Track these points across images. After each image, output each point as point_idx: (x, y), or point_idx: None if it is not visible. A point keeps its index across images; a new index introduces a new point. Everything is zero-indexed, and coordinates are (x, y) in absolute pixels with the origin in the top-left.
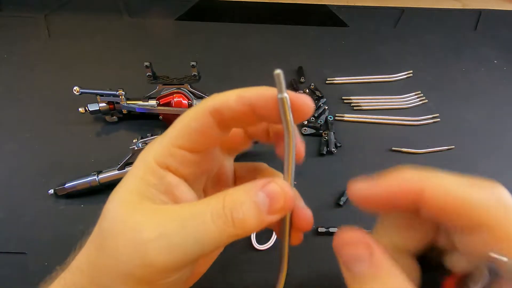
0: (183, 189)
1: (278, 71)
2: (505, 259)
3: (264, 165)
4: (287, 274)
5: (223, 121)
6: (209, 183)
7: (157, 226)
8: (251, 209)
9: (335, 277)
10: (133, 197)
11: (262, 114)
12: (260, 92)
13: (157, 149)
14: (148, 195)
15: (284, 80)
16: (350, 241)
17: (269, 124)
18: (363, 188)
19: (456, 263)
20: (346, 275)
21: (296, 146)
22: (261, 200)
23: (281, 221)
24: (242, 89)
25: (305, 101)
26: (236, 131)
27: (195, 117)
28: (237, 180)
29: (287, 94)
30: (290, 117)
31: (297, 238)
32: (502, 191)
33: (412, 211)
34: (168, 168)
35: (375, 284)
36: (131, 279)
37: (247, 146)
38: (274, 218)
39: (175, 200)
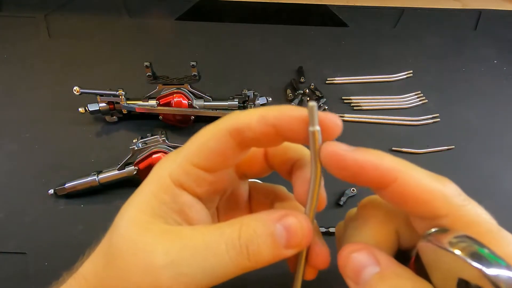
0: (197, 209)
1: (312, 104)
2: (433, 229)
3: (283, 189)
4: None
5: (243, 141)
6: (222, 203)
7: (169, 252)
8: (268, 242)
9: (335, 276)
10: (144, 215)
11: (286, 135)
12: (284, 112)
13: (172, 165)
14: (161, 213)
15: (317, 113)
16: (352, 250)
17: (295, 163)
18: (341, 149)
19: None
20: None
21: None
22: (278, 233)
23: (296, 255)
24: (264, 108)
25: (334, 121)
26: (258, 160)
27: (214, 136)
28: (252, 202)
29: (319, 128)
30: (319, 150)
31: (311, 274)
32: (455, 187)
33: (374, 188)
34: (182, 186)
35: (385, 286)
36: None
37: (266, 174)
38: (290, 252)
39: (188, 221)
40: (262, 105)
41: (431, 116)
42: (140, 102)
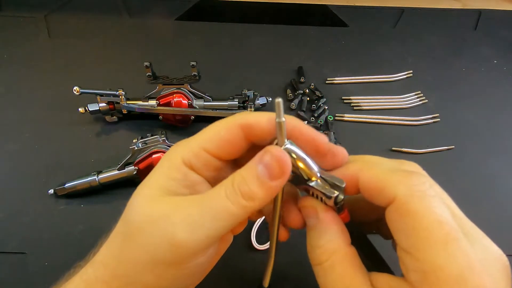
0: (205, 187)
1: (278, 100)
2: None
3: None
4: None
5: (250, 135)
6: None
7: (182, 211)
8: (254, 180)
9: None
10: (156, 190)
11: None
12: (288, 121)
13: (184, 150)
14: (171, 188)
15: (282, 107)
16: (305, 205)
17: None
18: None
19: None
20: (306, 225)
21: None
22: (260, 172)
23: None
24: (272, 113)
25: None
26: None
27: (226, 127)
28: None
29: (284, 119)
30: (284, 138)
31: (285, 235)
32: (413, 178)
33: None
34: (192, 168)
35: (317, 231)
36: (160, 264)
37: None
38: (277, 183)
39: (196, 194)
40: (262, 105)
41: (431, 116)
42: (140, 102)
